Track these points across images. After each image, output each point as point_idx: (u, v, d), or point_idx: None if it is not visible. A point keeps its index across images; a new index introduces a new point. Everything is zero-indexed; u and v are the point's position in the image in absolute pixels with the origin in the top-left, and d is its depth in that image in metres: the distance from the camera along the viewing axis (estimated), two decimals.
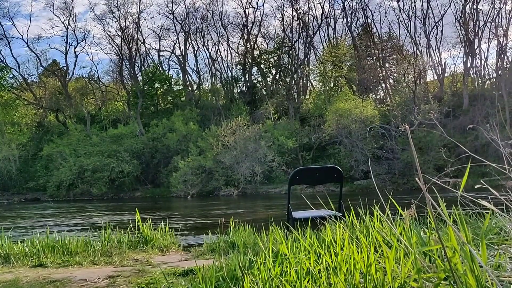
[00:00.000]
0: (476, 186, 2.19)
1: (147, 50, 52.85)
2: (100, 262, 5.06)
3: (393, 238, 2.37)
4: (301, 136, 39.23)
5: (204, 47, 50.94)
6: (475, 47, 42.24)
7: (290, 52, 49.42)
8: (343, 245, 2.51)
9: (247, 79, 50.87)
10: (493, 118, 35.97)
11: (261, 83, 52.24)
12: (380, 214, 2.96)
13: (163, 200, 33.89)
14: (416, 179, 1.45)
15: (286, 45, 49.81)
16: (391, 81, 47.32)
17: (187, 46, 51.06)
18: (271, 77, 51.95)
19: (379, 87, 48.16)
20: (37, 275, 4.45)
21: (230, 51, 51.88)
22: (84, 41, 51.30)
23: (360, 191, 33.11)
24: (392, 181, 34.17)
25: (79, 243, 5.78)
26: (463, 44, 42.62)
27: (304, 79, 50.19)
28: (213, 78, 51.60)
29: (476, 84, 43.28)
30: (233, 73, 51.97)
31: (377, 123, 36.67)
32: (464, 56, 42.45)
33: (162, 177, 40.19)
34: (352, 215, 3.16)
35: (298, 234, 2.82)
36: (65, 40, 49.79)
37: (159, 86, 50.06)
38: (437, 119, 36.25)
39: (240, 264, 2.99)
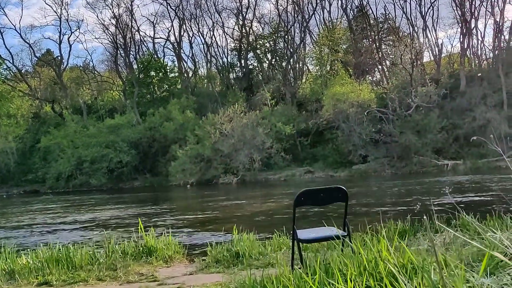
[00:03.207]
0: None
1: (141, 38, 52.37)
2: (106, 278, 5.08)
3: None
4: (298, 122, 39.17)
5: (199, 33, 50.48)
6: (472, 27, 41.97)
7: (286, 36, 48.99)
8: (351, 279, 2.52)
9: (243, 65, 50.56)
10: (490, 98, 35.99)
11: (257, 68, 51.91)
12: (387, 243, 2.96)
13: (162, 190, 33.93)
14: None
15: (282, 29, 49.36)
16: (388, 63, 47.13)
17: (182, 33, 50.61)
18: (267, 62, 51.59)
19: (376, 69, 48.00)
20: None
21: (225, 36, 51.45)
22: (77, 30, 50.71)
23: (358, 176, 33.24)
24: (391, 165, 34.24)
25: (83, 256, 5.78)
26: (460, 24, 42.34)
27: (300, 63, 49.89)
28: (208, 65, 51.24)
29: (473, 64, 43.12)
30: (229, 59, 51.68)
31: (374, 107, 36.61)
32: (461, 36, 42.23)
33: (160, 166, 40.18)
34: (359, 244, 3.15)
35: (307, 273, 2.82)
36: (58, 29, 49.30)
37: (154, 74, 49.69)
38: (435, 101, 36.20)
39: None
